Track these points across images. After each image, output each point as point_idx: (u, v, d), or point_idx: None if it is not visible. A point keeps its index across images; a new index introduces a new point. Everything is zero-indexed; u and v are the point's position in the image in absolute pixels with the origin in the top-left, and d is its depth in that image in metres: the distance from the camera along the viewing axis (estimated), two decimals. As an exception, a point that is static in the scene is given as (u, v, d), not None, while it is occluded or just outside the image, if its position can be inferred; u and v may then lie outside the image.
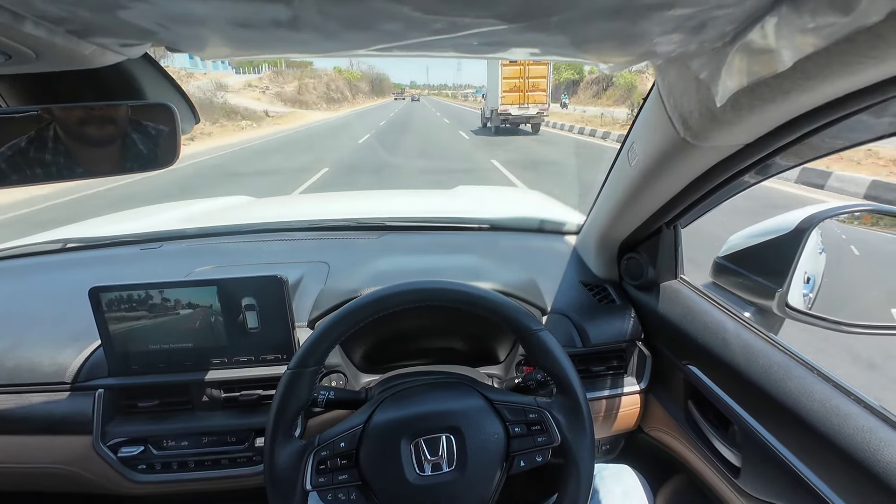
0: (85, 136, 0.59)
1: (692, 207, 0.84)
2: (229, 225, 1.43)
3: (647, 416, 1.06)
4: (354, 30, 0.38)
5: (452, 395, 0.71)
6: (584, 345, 0.98)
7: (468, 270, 1.08)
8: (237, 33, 0.39)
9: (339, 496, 0.63)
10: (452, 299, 0.70)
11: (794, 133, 0.51)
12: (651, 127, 0.69)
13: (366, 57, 0.44)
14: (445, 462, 0.64)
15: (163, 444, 0.89)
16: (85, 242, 1.34)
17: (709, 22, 0.36)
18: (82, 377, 0.89)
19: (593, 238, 1.11)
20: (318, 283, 1.09)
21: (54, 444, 0.89)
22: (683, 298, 0.97)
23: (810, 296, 0.93)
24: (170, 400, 0.90)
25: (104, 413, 0.87)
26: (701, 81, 0.45)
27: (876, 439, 0.58)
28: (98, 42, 0.40)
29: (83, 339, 0.92)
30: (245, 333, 0.88)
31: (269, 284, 0.86)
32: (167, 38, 0.41)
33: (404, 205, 1.88)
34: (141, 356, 0.87)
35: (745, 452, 0.77)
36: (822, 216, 0.90)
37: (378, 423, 0.67)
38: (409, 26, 0.36)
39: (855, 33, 0.32)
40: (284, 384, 0.66)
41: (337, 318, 0.69)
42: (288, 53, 0.45)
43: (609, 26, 0.37)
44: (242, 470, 0.90)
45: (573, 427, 0.66)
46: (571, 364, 0.69)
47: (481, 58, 0.46)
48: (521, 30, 0.37)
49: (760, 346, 0.79)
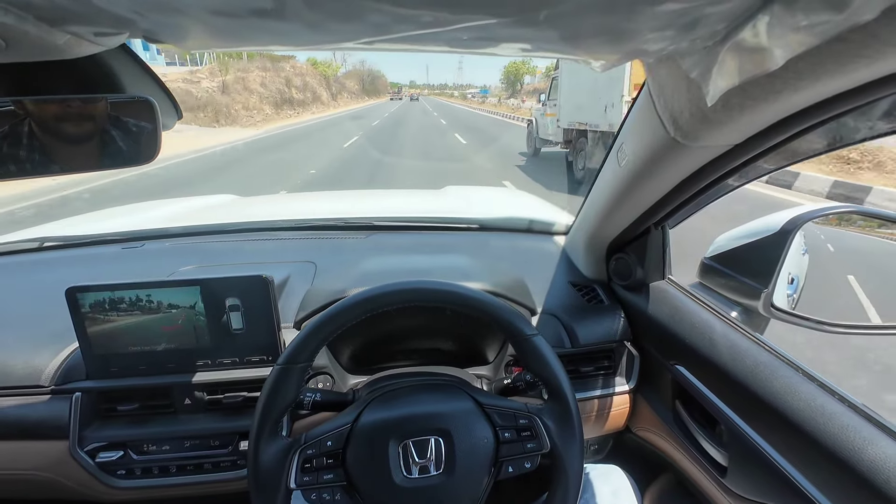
0: (62, 130, 0.57)
1: (681, 208, 0.84)
2: (214, 224, 1.41)
3: (635, 416, 1.06)
4: (340, 21, 0.37)
5: (443, 398, 0.70)
6: (572, 345, 0.98)
7: (457, 270, 1.07)
8: (219, 23, 0.38)
9: (324, 496, 0.62)
10: (449, 301, 0.69)
11: (784, 133, 0.52)
12: (641, 127, 0.69)
13: (355, 50, 0.43)
14: (433, 465, 0.63)
15: (143, 449, 0.87)
16: (63, 241, 1.30)
17: (701, 19, 0.35)
18: (59, 380, 0.86)
19: (582, 238, 1.11)
20: (304, 283, 1.07)
21: (29, 449, 0.86)
22: (671, 299, 0.97)
23: (794, 296, 0.94)
24: (151, 403, 0.88)
25: (81, 417, 0.85)
26: (692, 81, 0.45)
27: (860, 437, 0.59)
28: (71, 31, 0.38)
29: (60, 341, 0.90)
30: (229, 334, 0.86)
31: (254, 284, 0.84)
32: (145, 28, 0.39)
33: (393, 205, 1.87)
34: (121, 358, 0.85)
35: (732, 452, 0.78)
36: (807, 217, 0.91)
37: (366, 423, 0.66)
38: (397, 19, 0.35)
39: (848, 31, 0.32)
40: (273, 379, 0.65)
41: (332, 313, 0.67)
42: (272, 45, 0.43)
43: (600, 21, 0.37)
44: (226, 474, 0.88)
45: (563, 434, 0.66)
46: (564, 371, 0.68)
47: (471, 53, 0.45)
48: (512, 24, 0.36)
49: (747, 346, 0.80)
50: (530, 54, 0.44)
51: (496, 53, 0.44)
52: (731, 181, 0.72)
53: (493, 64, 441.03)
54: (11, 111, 0.53)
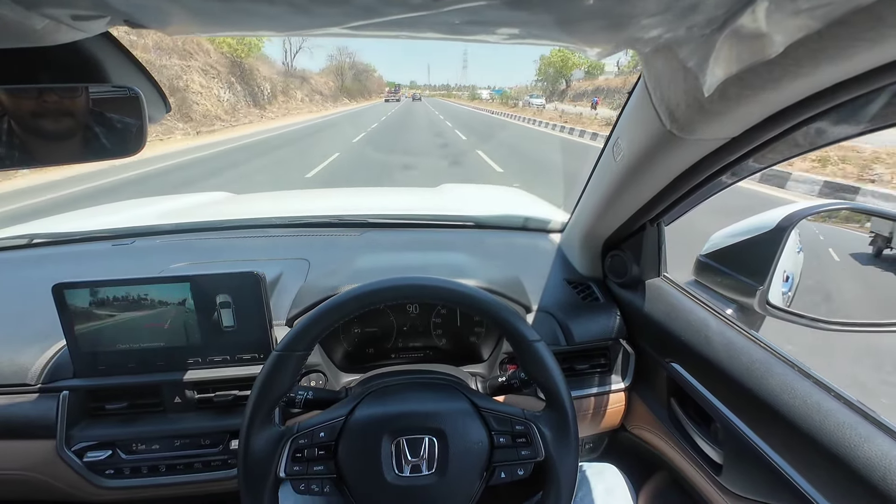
0: (42, 123, 0.55)
1: (676, 204, 0.83)
2: (206, 221, 1.39)
3: (630, 414, 1.06)
4: (326, 4, 0.35)
5: (439, 397, 0.69)
6: (568, 343, 0.97)
7: (453, 268, 1.06)
8: (202, 6, 0.37)
9: (313, 487, 0.61)
10: (453, 299, 0.68)
11: (782, 125, 0.51)
12: (637, 121, 0.68)
13: (343, 37, 0.42)
14: (425, 464, 0.62)
15: (132, 448, 0.85)
16: (52, 238, 1.29)
17: (699, 4, 0.34)
18: (45, 378, 0.84)
19: (577, 236, 1.10)
20: (297, 280, 1.06)
21: (16, 449, 0.84)
22: (667, 296, 0.97)
23: (789, 294, 0.94)
24: (140, 402, 0.87)
25: (69, 416, 0.83)
26: (688, 71, 0.45)
27: (856, 435, 0.59)
28: (49, 14, 0.37)
29: (47, 339, 0.88)
30: (220, 332, 0.84)
31: (245, 281, 0.83)
32: (126, 11, 0.38)
33: (387, 202, 1.85)
34: (109, 356, 0.83)
35: (727, 449, 0.77)
36: (802, 214, 0.91)
37: (361, 417, 0.65)
38: (386, 1, 0.34)
39: (850, 14, 0.31)
40: (270, 366, 0.64)
41: (335, 304, 0.66)
42: (258, 30, 0.42)
43: (596, 4, 0.36)
44: (217, 474, 0.87)
45: (559, 443, 0.65)
46: (564, 379, 0.67)
47: (462, 39, 0.44)
48: (504, 6, 0.35)
49: (742, 344, 0.79)
50: (523, 41, 0.43)
51: (487, 40, 0.43)
52: (727, 177, 0.71)
53: (499, 64, 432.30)
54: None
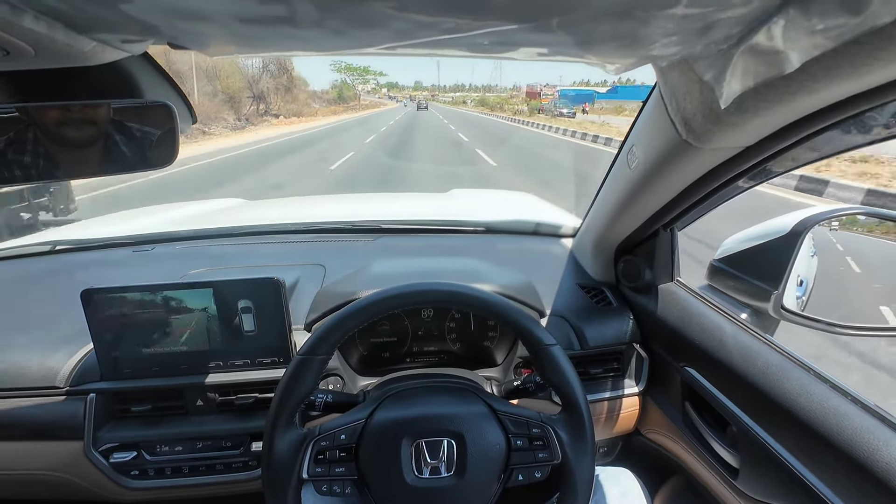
0: (70, 135, 0.57)
1: (689, 210, 0.84)
2: (222, 227, 1.42)
3: (644, 418, 1.06)
4: (362, 28, 0.37)
5: (457, 401, 0.71)
6: (581, 347, 0.98)
7: (468, 273, 1.08)
8: (242, 29, 0.39)
9: (335, 488, 0.63)
10: (471, 304, 0.70)
11: (797, 135, 0.52)
12: (652, 129, 0.69)
13: (377, 55, 0.44)
14: (444, 466, 0.63)
15: (156, 450, 0.87)
16: (75, 244, 1.32)
17: (715, 24, 0.36)
18: (73, 381, 0.87)
19: (590, 240, 1.11)
20: (314, 285, 1.08)
21: (44, 450, 0.87)
22: (680, 301, 0.97)
23: (803, 298, 0.94)
24: (164, 404, 0.89)
25: (96, 418, 0.85)
26: (704, 83, 0.46)
27: (875, 439, 0.59)
28: (99, 38, 0.39)
29: (74, 343, 0.90)
30: (241, 336, 0.86)
31: (266, 287, 0.85)
32: (170, 35, 0.40)
33: (399, 207, 1.87)
34: (134, 360, 0.85)
35: (743, 453, 0.78)
36: (817, 219, 0.91)
37: (380, 420, 0.66)
38: (419, 25, 0.36)
39: (864, 35, 0.32)
40: (293, 368, 0.66)
41: (358, 307, 0.68)
42: (294, 51, 0.44)
43: (616, 27, 0.37)
44: (238, 475, 0.89)
45: (576, 446, 0.66)
46: (580, 383, 0.69)
47: (490, 57, 0.46)
48: (530, 30, 0.37)
49: (757, 348, 0.79)
50: (546, 59, 0.45)
51: (513, 58, 0.45)
52: (741, 183, 0.72)
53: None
54: (16, 117, 0.53)
